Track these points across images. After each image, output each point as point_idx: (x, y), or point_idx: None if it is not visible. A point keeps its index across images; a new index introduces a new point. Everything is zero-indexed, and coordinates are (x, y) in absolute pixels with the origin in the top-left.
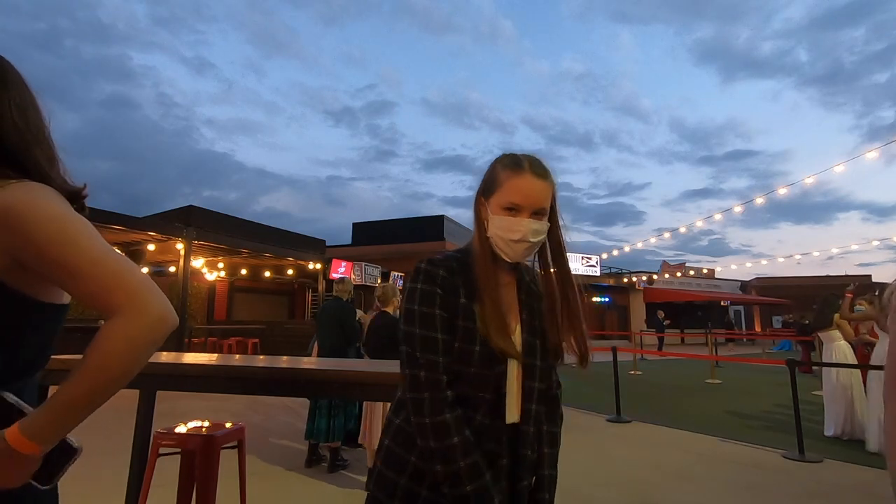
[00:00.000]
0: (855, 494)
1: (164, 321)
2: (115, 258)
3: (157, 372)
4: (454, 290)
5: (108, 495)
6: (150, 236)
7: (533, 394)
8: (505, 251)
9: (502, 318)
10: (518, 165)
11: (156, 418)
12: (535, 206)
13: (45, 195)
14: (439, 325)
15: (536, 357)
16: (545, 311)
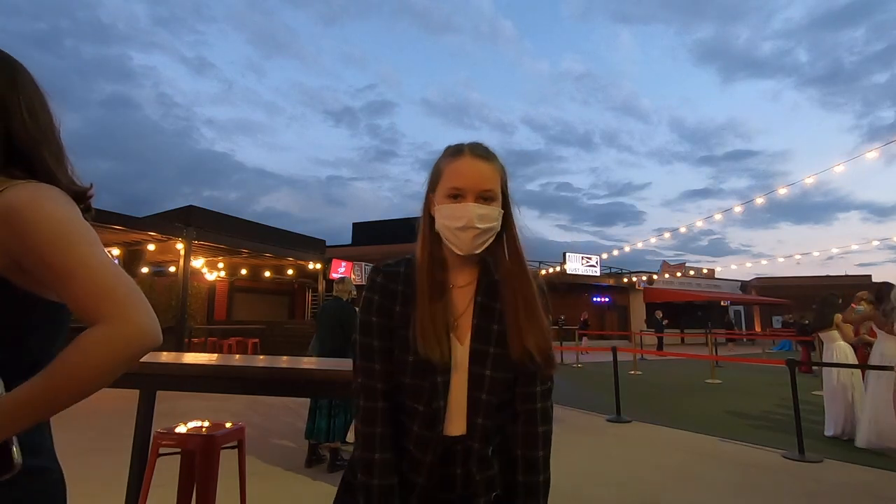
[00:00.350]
0: (855, 494)
1: (147, 337)
2: (110, 268)
3: (157, 372)
4: (392, 296)
5: (108, 495)
6: (150, 236)
7: (480, 407)
8: (454, 242)
9: (435, 325)
10: (458, 150)
11: (156, 418)
12: (477, 187)
13: (50, 196)
14: (375, 331)
15: (486, 367)
16: (503, 312)
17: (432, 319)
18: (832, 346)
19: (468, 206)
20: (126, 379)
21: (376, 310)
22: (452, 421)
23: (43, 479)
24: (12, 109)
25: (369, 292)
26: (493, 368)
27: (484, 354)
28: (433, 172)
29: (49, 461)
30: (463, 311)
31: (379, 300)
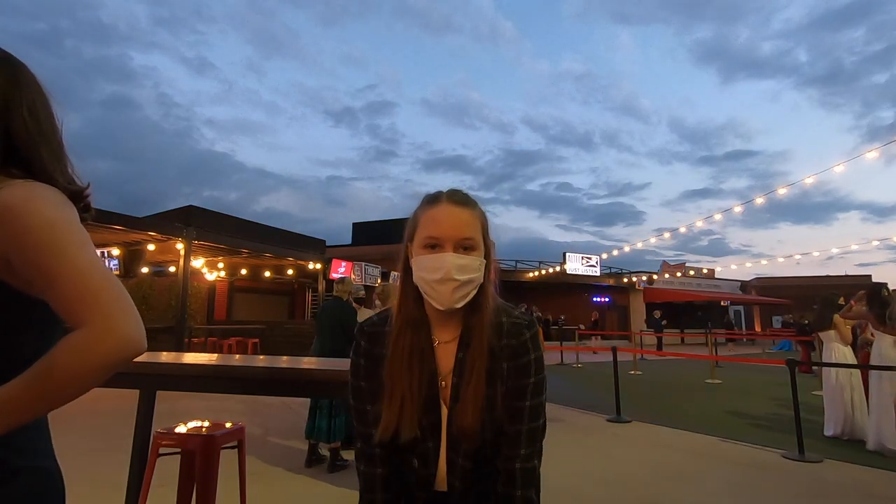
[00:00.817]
0: (855, 494)
1: (130, 345)
2: (98, 272)
3: (157, 372)
4: (377, 361)
5: (108, 495)
6: (150, 236)
7: (456, 469)
8: (432, 296)
9: (404, 402)
10: (435, 198)
11: (156, 418)
12: (456, 236)
13: (45, 196)
14: (365, 397)
15: (460, 429)
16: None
17: (402, 395)
18: (831, 346)
19: (446, 257)
20: (126, 379)
21: (363, 376)
22: (438, 480)
23: (38, 479)
24: (13, 108)
25: (355, 356)
26: (461, 434)
27: (456, 417)
28: (410, 221)
29: (45, 460)
30: (449, 369)
31: (364, 364)
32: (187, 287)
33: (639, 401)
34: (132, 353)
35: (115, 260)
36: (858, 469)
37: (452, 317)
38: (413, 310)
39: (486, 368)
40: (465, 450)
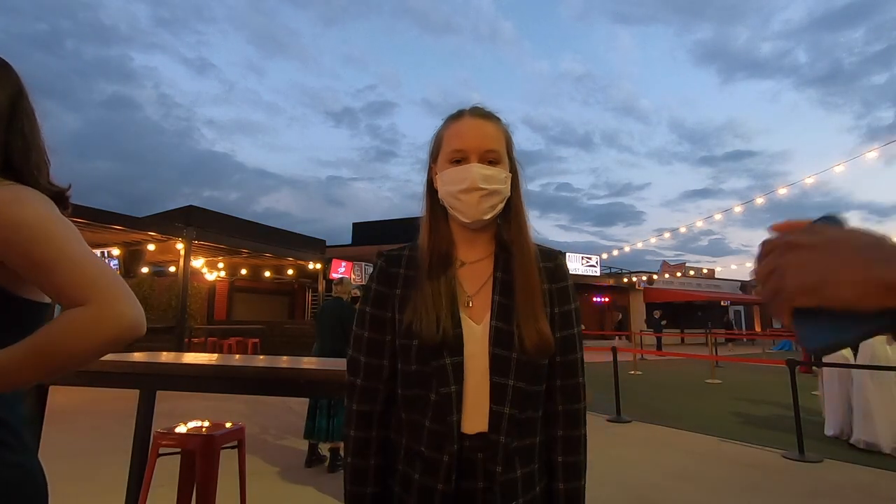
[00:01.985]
0: (855, 494)
1: (132, 324)
2: (95, 261)
3: (157, 372)
4: (392, 280)
5: (108, 495)
6: (150, 236)
7: (506, 394)
8: (458, 209)
9: (434, 300)
10: (458, 114)
11: (156, 418)
12: (480, 147)
13: (32, 196)
14: (368, 322)
15: (511, 348)
16: (515, 289)
17: (432, 294)
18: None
19: (471, 168)
20: (126, 379)
21: (372, 300)
22: (471, 415)
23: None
24: (16, 116)
25: (370, 281)
26: (520, 350)
27: (507, 335)
28: (434, 141)
29: (35, 460)
30: (479, 287)
31: (376, 288)
32: (187, 287)
33: (639, 401)
34: (132, 333)
35: (115, 260)
36: (858, 469)
37: (481, 235)
38: (442, 227)
39: (539, 283)
40: (520, 369)
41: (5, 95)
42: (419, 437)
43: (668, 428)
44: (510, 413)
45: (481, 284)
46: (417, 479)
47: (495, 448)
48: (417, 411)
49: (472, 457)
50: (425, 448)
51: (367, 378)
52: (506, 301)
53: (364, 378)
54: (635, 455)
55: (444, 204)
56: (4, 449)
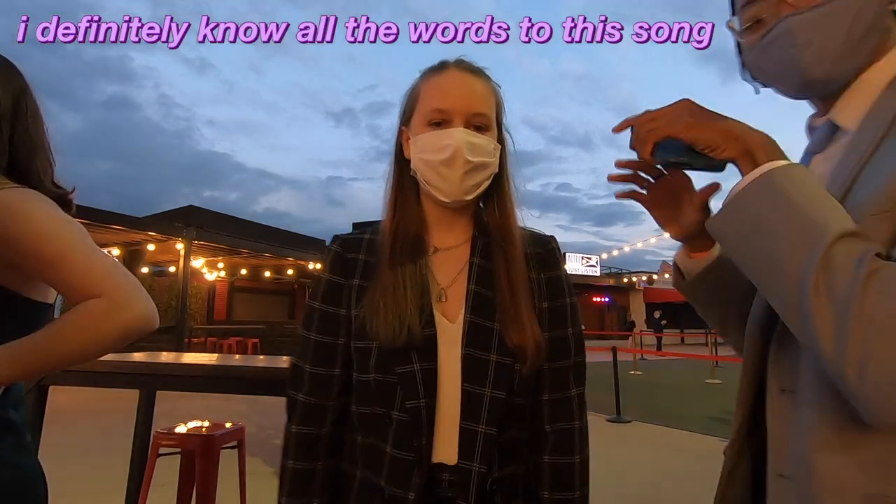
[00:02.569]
0: None
1: (146, 317)
2: (105, 257)
3: (157, 372)
4: (349, 268)
5: (108, 495)
6: (150, 236)
7: (482, 407)
8: (436, 184)
9: (397, 294)
10: (441, 65)
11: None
12: (468, 109)
13: (37, 197)
14: (316, 320)
15: (491, 349)
16: (496, 279)
17: (396, 285)
18: None
19: (455, 133)
20: (126, 379)
21: (323, 293)
22: (441, 439)
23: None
24: (20, 115)
25: (322, 270)
26: (500, 352)
27: (485, 333)
28: (408, 98)
29: (36, 461)
30: (454, 278)
31: (328, 279)
32: (187, 287)
33: (639, 401)
34: (145, 325)
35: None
36: None
37: (459, 216)
38: (410, 203)
39: (525, 272)
40: (498, 376)
41: (10, 95)
42: (378, 469)
43: (668, 428)
44: (486, 432)
45: (456, 273)
46: None
47: (468, 479)
48: (376, 434)
49: (444, 493)
50: (386, 482)
51: (312, 392)
52: (485, 292)
53: (308, 392)
54: (635, 455)
55: (417, 177)
56: (5, 449)
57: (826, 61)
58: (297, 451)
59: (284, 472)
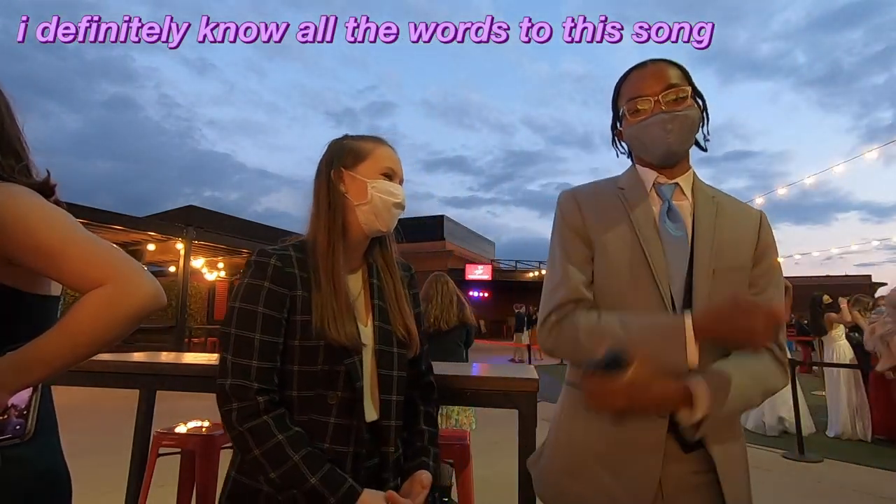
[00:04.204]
0: (855, 494)
1: (153, 296)
2: (101, 242)
3: (157, 372)
4: (289, 282)
5: (108, 495)
6: (150, 236)
7: (392, 384)
8: (382, 218)
9: (342, 305)
10: (380, 138)
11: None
12: (401, 175)
13: (23, 191)
14: (260, 324)
15: (393, 344)
16: (386, 294)
17: (339, 298)
18: (832, 347)
19: (400, 187)
20: (126, 379)
21: (265, 299)
22: (367, 403)
23: (51, 481)
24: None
25: (257, 279)
26: (398, 345)
27: (388, 333)
28: (350, 151)
29: (61, 460)
30: (358, 293)
31: (270, 288)
32: (187, 287)
33: None
34: (154, 304)
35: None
36: (858, 469)
37: (358, 248)
38: (339, 235)
39: (405, 292)
40: (400, 361)
41: None
42: (321, 436)
43: None
44: (396, 400)
45: (360, 290)
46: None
47: (387, 431)
48: (318, 411)
49: (368, 441)
50: (329, 443)
51: (261, 382)
52: (383, 304)
53: (260, 381)
54: None
55: (363, 208)
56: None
57: (678, 143)
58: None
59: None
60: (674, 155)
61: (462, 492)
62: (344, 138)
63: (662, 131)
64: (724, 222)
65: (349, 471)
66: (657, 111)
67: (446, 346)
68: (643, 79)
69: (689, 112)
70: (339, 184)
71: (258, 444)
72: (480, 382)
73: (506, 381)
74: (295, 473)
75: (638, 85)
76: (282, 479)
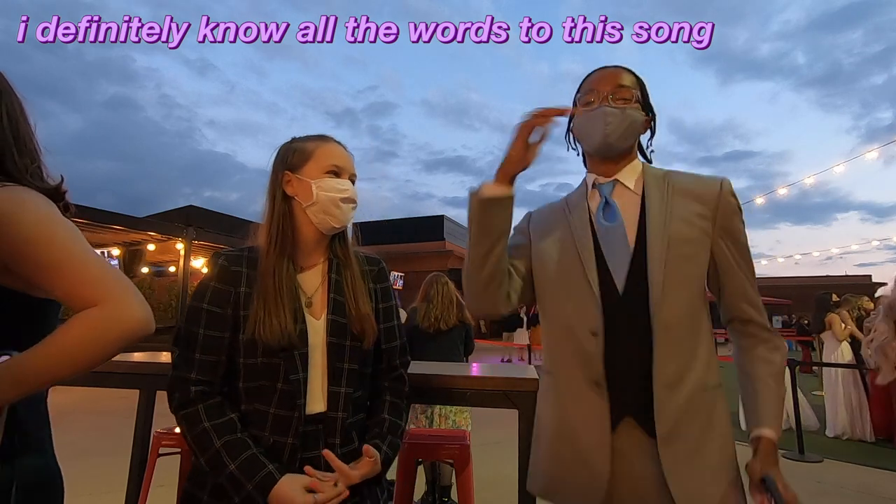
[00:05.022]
0: (855, 494)
1: (142, 323)
2: (96, 259)
3: (157, 372)
4: (234, 279)
5: (108, 495)
6: (150, 236)
7: (342, 376)
8: (334, 215)
9: (282, 298)
10: (322, 136)
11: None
12: (351, 169)
13: (28, 197)
14: (204, 319)
15: (345, 338)
16: (345, 288)
17: (278, 292)
18: (831, 347)
19: (348, 182)
20: (126, 379)
21: (210, 297)
22: (312, 398)
23: (43, 481)
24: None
25: (206, 279)
26: (351, 339)
27: (341, 326)
28: (294, 153)
29: (51, 461)
30: (316, 288)
31: (215, 286)
32: (187, 287)
33: None
34: (142, 331)
35: (116, 260)
36: (858, 469)
37: (318, 245)
38: (288, 235)
39: (363, 283)
40: (352, 354)
41: None
42: (262, 425)
43: None
44: (346, 392)
45: (318, 285)
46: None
47: (334, 423)
48: (261, 401)
49: (313, 431)
50: (270, 433)
51: (202, 374)
52: (339, 298)
53: (199, 374)
54: None
55: (313, 208)
56: (25, 451)
57: (615, 136)
58: (207, 411)
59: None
60: (610, 147)
61: (462, 492)
62: (291, 141)
63: (602, 122)
64: (678, 198)
65: (286, 461)
66: (604, 104)
67: (446, 346)
68: (599, 78)
69: (631, 112)
70: (287, 187)
71: (189, 431)
72: (480, 382)
73: (506, 381)
74: (217, 459)
75: (593, 82)
76: (208, 463)
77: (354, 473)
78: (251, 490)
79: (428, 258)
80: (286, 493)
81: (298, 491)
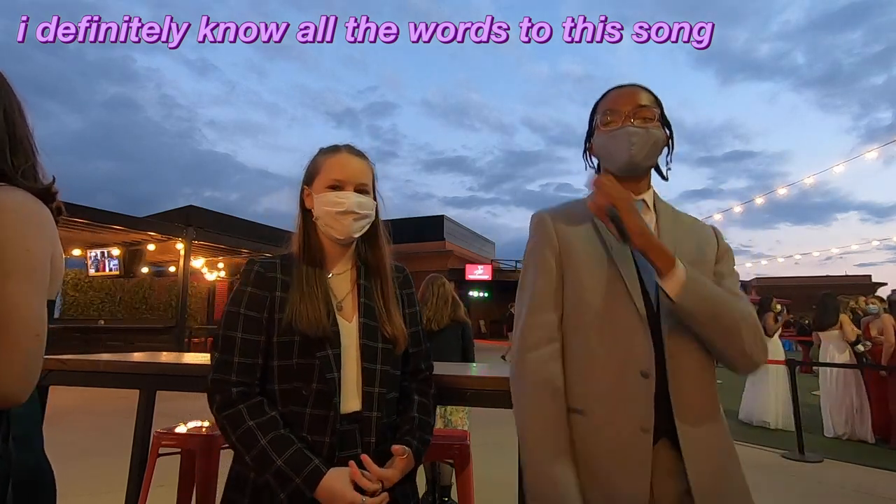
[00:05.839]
0: (855, 494)
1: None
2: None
3: (157, 372)
4: (270, 285)
5: (108, 495)
6: (150, 236)
7: (375, 376)
8: (335, 228)
9: (316, 301)
10: (334, 148)
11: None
12: (356, 180)
13: (8, 205)
14: (241, 324)
15: (377, 339)
16: (375, 294)
17: (312, 295)
18: (830, 346)
19: (348, 195)
20: (126, 379)
21: (247, 302)
22: (346, 398)
23: (34, 480)
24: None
25: (242, 285)
26: (383, 341)
27: (373, 329)
28: (310, 169)
29: (42, 459)
30: (346, 293)
31: (252, 291)
32: (187, 287)
33: None
34: (5, 403)
35: (116, 260)
36: (858, 469)
37: (345, 253)
38: (314, 241)
39: (393, 289)
40: (385, 356)
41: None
42: (299, 425)
43: None
44: (379, 392)
45: (348, 290)
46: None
47: (369, 422)
48: (296, 402)
49: (349, 430)
50: (307, 433)
51: (241, 376)
52: (369, 303)
53: (238, 376)
54: None
55: (319, 222)
56: (19, 449)
57: (640, 156)
58: (250, 411)
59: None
60: (636, 167)
61: (462, 492)
62: (315, 154)
63: (627, 142)
64: (684, 232)
65: (325, 459)
66: (626, 124)
67: (439, 347)
68: (618, 97)
69: (654, 131)
70: (307, 200)
71: (233, 431)
72: (480, 382)
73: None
74: (263, 456)
75: (613, 101)
76: (253, 461)
77: (393, 474)
78: (299, 483)
79: (428, 258)
80: (333, 485)
81: (347, 485)
